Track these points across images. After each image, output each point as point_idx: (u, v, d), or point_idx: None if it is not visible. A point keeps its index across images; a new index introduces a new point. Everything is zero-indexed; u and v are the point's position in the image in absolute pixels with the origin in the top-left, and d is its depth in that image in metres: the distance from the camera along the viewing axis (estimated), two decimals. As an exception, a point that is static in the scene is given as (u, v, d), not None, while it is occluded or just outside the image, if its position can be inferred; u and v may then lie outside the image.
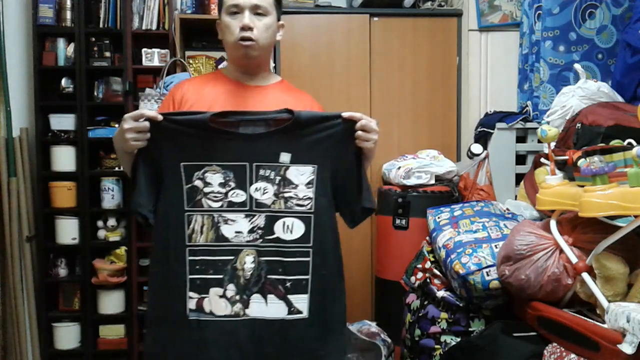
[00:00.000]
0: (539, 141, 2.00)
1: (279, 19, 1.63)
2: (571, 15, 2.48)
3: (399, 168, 2.67)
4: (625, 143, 1.49)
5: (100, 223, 3.00)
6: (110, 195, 2.95)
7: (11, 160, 2.90)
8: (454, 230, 1.97)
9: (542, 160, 1.87)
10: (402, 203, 2.59)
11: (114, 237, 2.97)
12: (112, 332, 2.98)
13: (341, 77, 3.07)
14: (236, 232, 1.40)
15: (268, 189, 1.41)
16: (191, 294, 1.38)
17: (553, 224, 1.57)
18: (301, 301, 1.41)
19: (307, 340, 1.42)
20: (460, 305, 1.89)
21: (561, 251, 1.53)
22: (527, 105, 2.72)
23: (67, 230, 2.94)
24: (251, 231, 1.40)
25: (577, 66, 2.21)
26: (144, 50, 2.98)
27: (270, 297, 1.40)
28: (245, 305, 1.39)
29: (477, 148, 2.61)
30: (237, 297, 1.39)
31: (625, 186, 1.32)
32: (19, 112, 3.01)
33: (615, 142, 1.53)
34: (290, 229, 1.41)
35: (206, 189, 1.40)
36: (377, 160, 3.05)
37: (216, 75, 1.68)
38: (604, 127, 1.75)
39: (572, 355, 1.38)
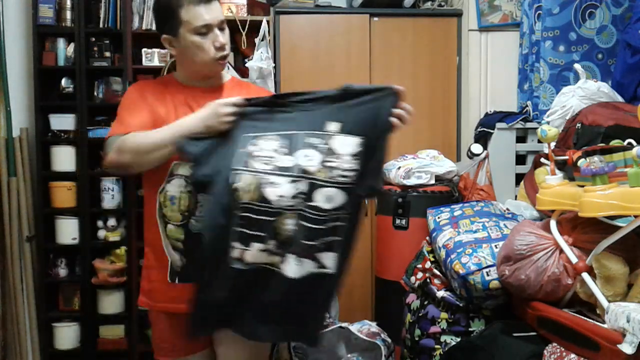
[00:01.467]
0: (539, 141, 2.00)
1: None
2: (571, 15, 2.48)
3: (399, 168, 2.67)
4: (625, 143, 1.49)
5: (100, 223, 3.00)
6: (110, 195, 2.95)
7: (11, 160, 2.90)
8: (454, 230, 1.97)
9: (542, 160, 1.87)
10: (402, 203, 2.59)
11: (114, 237, 2.97)
12: (112, 332, 2.98)
13: (341, 78, 3.07)
14: (279, 195, 1.42)
15: (314, 157, 1.44)
16: (235, 244, 1.44)
17: (553, 224, 1.57)
18: (329, 258, 1.45)
19: (326, 295, 1.50)
20: (460, 305, 1.88)
21: (561, 251, 1.53)
22: (527, 105, 2.72)
23: (67, 230, 2.94)
24: (294, 197, 1.43)
25: (577, 66, 2.21)
26: (144, 50, 2.98)
27: (304, 259, 1.44)
28: (282, 261, 1.44)
29: (477, 148, 2.61)
30: (278, 251, 1.44)
31: (625, 186, 1.32)
32: (19, 112, 3.01)
33: (615, 142, 1.53)
34: (331, 198, 1.44)
35: (256, 152, 1.46)
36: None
37: (169, 81, 1.70)
38: (604, 127, 1.75)
39: (572, 355, 1.38)
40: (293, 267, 1.44)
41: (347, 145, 1.45)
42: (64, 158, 2.93)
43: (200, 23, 1.55)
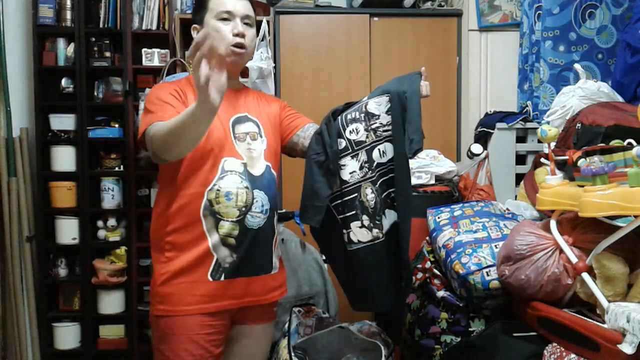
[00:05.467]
0: (539, 141, 2.00)
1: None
2: (571, 15, 2.48)
3: (399, 168, 2.67)
4: (625, 143, 1.49)
5: (100, 223, 3.00)
6: (110, 195, 2.95)
7: (11, 160, 2.90)
8: (454, 230, 1.97)
9: (542, 160, 1.88)
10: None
11: (114, 237, 2.97)
12: (112, 332, 2.98)
13: (341, 78, 3.07)
14: (350, 173, 1.69)
15: (359, 128, 1.70)
16: (344, 231, 1.70)
17: (553, 224, 1.57)
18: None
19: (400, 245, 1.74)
20: (460, 305, 1.88)
21: (561, 251, 1.53)
22: (527, 105, 2.72)
23: (67, 230, 2.94)
24: (361, 168, 1.69)
25: (577, 66, 2.21)
26: (144, 50, 2.98)
27: (387, 211, 1.73)
28: (381, 228, 1.70)
29: (477, 148, 2.61)
30: (372, 224, 1.69)
31: (625, 186, 1.32)
32: (19, 112, 3.01)
33: (615, 142, 1.53)
34: (385, 152, 1.72)
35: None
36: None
37: (191, 81, 1.68)
38: (604, 127, 1.75)
39: (572, 355, 1.38)
40: (384, 223, 1.72)
41: (379, 105, 1.71)
42: (64, 158, 2.93)
43: (222, 9, 1.64)
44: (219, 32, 1.64)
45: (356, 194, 1.68)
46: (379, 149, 1.70)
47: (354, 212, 1.68)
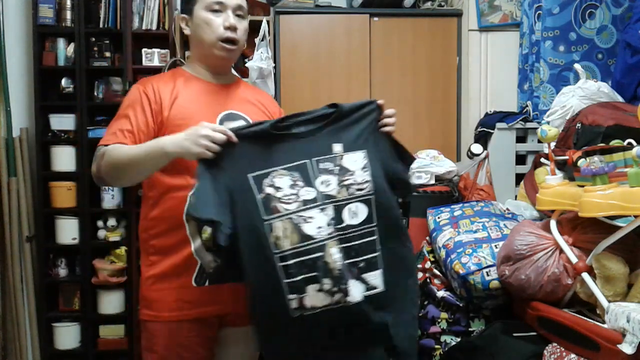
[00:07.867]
0: (539, 141, 2.00)
1: None
2: (571, 15, 2.48)
3: (399, 168, 2.67)
4: (625, 143, 1.49)
5: (100, 223, 3.00)
6: (110, 195, 2.95)
7: (11, 160, 2.90)
8: (454, 230, 1.97)
9: (542, 160, 1.88)
10: (402, 203, 2.58)
11: (114, 237, 2.97)
12: (112, 332, 2.98)
13: (341, 78, 3.07)
14: (317, 227, 1.42)
15: (331, 180, 1.46)
16: (291, 296, 1.39)
17: (553, 224, 1.57)
18: (374, 277, 1.45)
19: (381, 311, 1.46)
20: (460, 305, 1.88)
21: (561, 251, 1.53)
22: (527, 105, 2.72)
23: (67, 230, 2.94)
24: (329, 224, 1.43)
25: (577, 66, 2.21)
26: (144, 50, 2.98)
27: (351, 281, 1.42)
28: (346, 293, 1.41)
29: (477, 148, 2.61)
30: (335, 289, 1.40)
31: (625, 186, 1.32)
32: (19, 112, 3.01)
33: (615, 142, 1.53)
34: (356, 213, 1.46)
35: (278, 194, 1.41)
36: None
37: (181, 75, 1.64)
38: (604, 127, 1.75)
39: (572, 355, 1.38)
40: (356, 289, 1.42)
41: (355, 161, 1.48)
42: (64, 158, 2.94)
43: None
44: (209, 25, 1.56)
45: (321, 253, 1.40)
46: (349, 209, 1.46)
47: (316, 273, 1.40)
